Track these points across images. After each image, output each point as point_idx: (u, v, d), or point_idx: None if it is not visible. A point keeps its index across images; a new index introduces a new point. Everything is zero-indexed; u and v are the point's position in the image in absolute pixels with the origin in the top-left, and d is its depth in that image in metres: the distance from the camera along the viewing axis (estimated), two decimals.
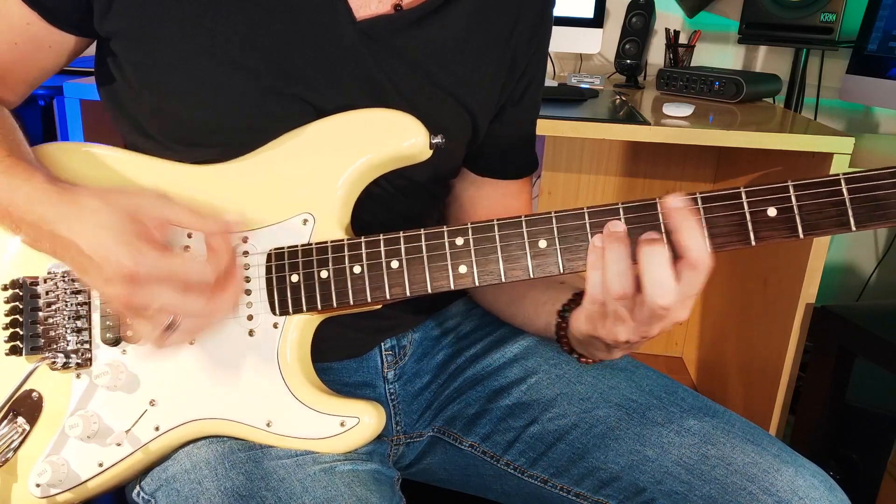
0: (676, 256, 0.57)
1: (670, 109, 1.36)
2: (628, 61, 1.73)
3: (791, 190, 0.57)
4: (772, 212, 0.57)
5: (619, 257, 0.57)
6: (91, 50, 0.76)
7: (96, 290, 0.63)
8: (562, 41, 1.69)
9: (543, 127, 1.26)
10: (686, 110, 1.35)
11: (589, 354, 0.71)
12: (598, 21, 1.68)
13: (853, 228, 0.56)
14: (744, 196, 0.57)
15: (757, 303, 1.58)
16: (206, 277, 0.60)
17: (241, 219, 0.67)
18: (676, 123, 1.28)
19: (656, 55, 1.88)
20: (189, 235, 0.67)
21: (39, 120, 1.39)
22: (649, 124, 1.26)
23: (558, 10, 1.63)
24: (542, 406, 0.78)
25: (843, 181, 0.56)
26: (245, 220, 0.68)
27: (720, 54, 1.91)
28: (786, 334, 1.37)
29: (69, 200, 0.60)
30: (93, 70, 0.76)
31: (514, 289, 0.80)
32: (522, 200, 0.89)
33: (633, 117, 1.31)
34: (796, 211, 0.57)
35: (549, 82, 1.60)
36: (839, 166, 1.24)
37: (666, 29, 1.81)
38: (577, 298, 0.70)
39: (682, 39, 1.81)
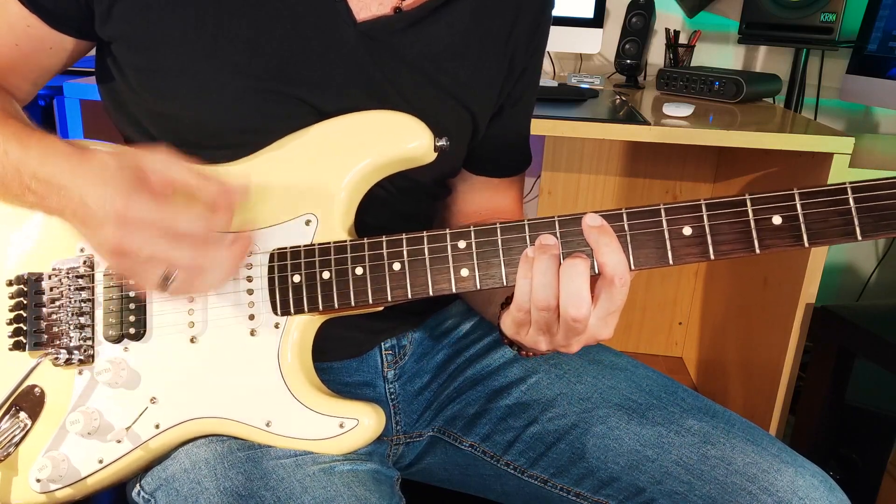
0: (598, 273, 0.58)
1: (670, 109, 1.36)
2: (628, 61, 1.74)
3: (797, 198, 0.56)
4: (777, 220, 0.56)
5: (547, 269, 0.58)
6: (92, 50, 0.75)
7: (91, 244, 0.63)
8: (562, 41, 1.69)
9: (543, 127, 1.26)
10: (686, 110, 1.35)
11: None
12: (598, 21, 1.68)
13: (859, 238, 0.54)
14: (749, 204, 0.57)
15: (757, 303, 1.58)
16: (195, 228, 0.59)
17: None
18: (676, 123, 1.28)
19: (656, 55, 1.89)
20: None
21: (39, 120, 1.39)
22: (649, 124, 1.26)
23: (558, 10, 1.64)
24: (542, 406, 0.78)
25: (849, 190, 0.54)
26: (248, 219, 0.68)
27: (720, 54, 1.91)
28: (786, 334, 1.38)
29: (82, 157, 0.61)
30: (93, 70, 0.76)
31: None
32: (511, 197, 0.89)
33: (633, 117, 1.31)
34: (801, 219, 0.56)
35: (550, 82, 1.60)
36: (839, 166, 1.24)
37: (666, 29, 1.81)
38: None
39: (682, 39, 1.81)
